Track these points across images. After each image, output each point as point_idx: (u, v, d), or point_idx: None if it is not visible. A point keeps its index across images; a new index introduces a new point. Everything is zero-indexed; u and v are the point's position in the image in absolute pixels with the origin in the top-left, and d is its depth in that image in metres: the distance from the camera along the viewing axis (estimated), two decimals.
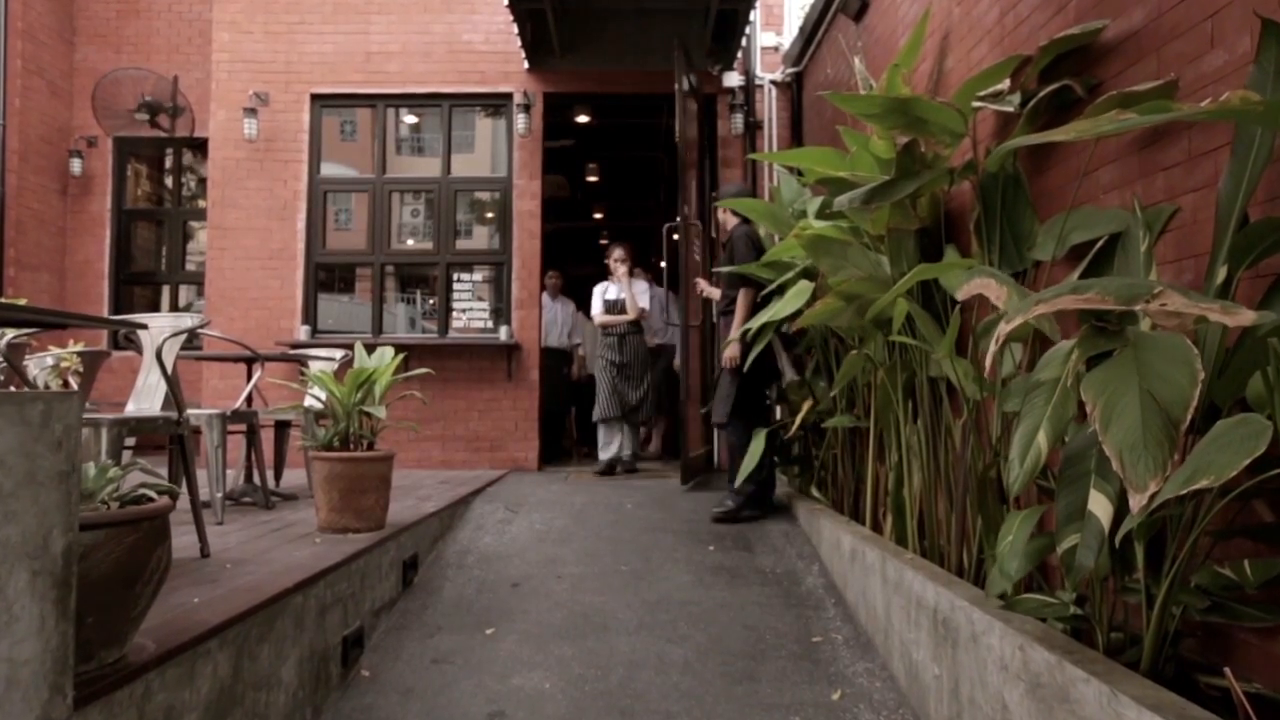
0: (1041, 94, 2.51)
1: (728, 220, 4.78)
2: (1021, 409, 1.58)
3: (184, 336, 2.95)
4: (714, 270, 4.60)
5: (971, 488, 2.74)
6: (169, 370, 2.55)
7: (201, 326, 2.84)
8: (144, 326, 2.42)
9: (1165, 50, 2.08)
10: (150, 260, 8.38)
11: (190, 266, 8.28)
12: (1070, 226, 2.36)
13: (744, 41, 6.43)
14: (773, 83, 6.74)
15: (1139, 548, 1.76)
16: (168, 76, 7.63)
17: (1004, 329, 1.39)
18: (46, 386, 4.87)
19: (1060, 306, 1.35)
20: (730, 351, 4.46)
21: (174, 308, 8.25)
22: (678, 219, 5.50)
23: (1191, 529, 1.66)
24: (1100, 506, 1.50)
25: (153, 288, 8.34)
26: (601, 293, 6.45)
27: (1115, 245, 2.21)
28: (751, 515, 4.47)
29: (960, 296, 2.06)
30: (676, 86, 5.63)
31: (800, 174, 4.14)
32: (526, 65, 6.79)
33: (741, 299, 4.45)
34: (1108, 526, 1.50)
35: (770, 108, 6.71)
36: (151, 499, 1.76)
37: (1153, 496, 1.26)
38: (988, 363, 1.45)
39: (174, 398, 2.60)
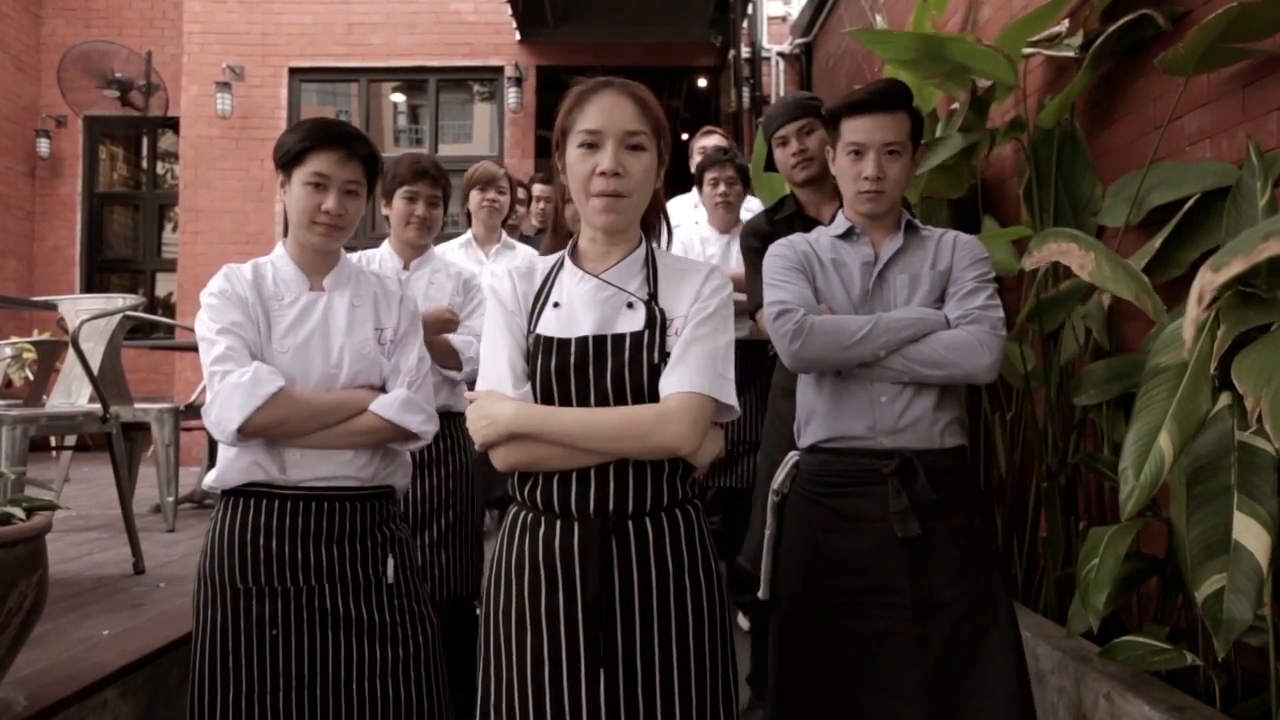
0: (1110, 30, 2.13)
1: None
2: (1136, 403, 1.22)
3: (116, 320, 2.58)
4: None
5: (1015, 493, 2.37)
6: (87, 357, 2.18)
7: (133, 309, 2.46)
8: (53, 307, 2.05)
9: None
10: (126, 247, 7.97)
11: (169, 254, 7.87)
12: (1149, 185, 1.99)
13: (749, 10, 6.01)
14: (780, 55, 6.33)
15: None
16: (140, 52, 7.21)
17: (1213, 280, 1.01)
18: (8, 379, 4.50)
19: None
20: None
21: (151, 296, 7.86)
22: None
23: None
24: (1252, 535, 1.12)
25: (129, 275, 7.94)
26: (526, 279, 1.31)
27: (1208, 206, 1.84)
28: None
29: (1029, 265, 1.69)
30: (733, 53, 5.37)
31: None
32: (518, 36, 6.39)
33: None
34: (1265, 562, 1.12)
35: (777, 81, 6.30)
36: (18, 519, 1.39)
37: None
38: (1187, 335, 1.08)
39: (96, 390, 2.23)
